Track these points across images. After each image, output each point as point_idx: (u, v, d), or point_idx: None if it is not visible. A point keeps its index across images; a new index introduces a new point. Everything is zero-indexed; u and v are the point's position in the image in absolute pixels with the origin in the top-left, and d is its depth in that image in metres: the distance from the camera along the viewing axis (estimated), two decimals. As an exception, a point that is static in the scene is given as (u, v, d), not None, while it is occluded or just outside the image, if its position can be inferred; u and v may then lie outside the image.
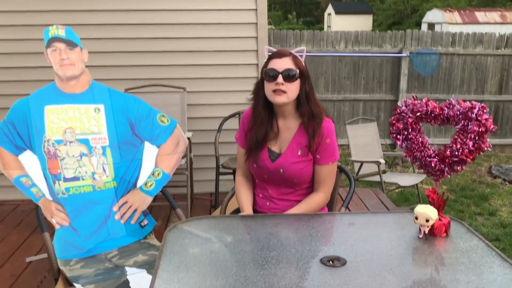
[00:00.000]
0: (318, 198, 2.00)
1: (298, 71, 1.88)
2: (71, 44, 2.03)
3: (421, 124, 3.24)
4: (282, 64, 1.87)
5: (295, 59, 1.90)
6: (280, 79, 1.85)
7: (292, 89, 1.88)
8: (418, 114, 3.16)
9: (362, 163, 4.83)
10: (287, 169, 1.96)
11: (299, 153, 1.95)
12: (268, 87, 1.90)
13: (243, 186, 2.12)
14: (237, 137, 2.13)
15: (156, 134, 2.16)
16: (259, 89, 1.97)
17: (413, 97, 3.26)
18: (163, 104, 3.54)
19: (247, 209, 2.05)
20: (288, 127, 1.99)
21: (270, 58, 1.92)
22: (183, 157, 3.13)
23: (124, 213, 2.09)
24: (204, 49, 3.98)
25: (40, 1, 3.69)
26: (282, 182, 2.00)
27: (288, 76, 1.86)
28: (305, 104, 1.92)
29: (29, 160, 2.05)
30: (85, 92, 2.08)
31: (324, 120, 1.94)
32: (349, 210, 3.62)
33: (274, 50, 1.95)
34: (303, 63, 1.93)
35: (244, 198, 2.09)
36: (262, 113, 1.97)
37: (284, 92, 1.87)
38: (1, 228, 3.38)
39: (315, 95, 1.96)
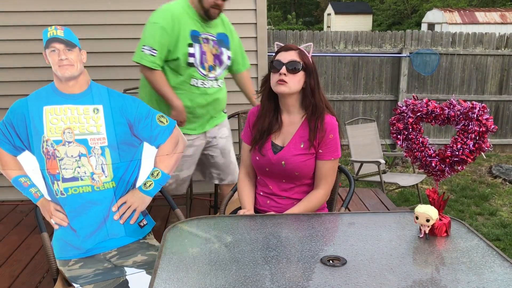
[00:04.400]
0: (318, 195, 2.01)
1: (302, 63, 1.93)
2: (69, 45, 2.03)
3: (421, 124, 3.24)
4: (288, 56, 1.93)
5: (301, 53, 1.95)
6: (283, 69, 1.91)
7: (295, 81, 1.92)
8: (419, 114, 3.15)
9: (362, 163, 4.83)
10: (288, 161, 1.97)
11: (302, 145, 1.98)
12: (273, 78, 1.95)
13: (245, 184, 2.14)
14: (243, 134, 2.15)
15: (155, 135, 2.16)
16: (265, 82, 2.03)
17: (413, 97, 3.26)
18: (163, 104, 3.53)
19: (249, 207, 2.06)
20: (292, 121, 2.02)
21: (278, 51, 1.98)
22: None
23: (123, 213, 2.09)
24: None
25: (39, 1, 3.69)
26: (283, 176, 2.01)
27: (292, 67, 1.91)
28: (309, 98, 1.96)
29: (27, 160, 2.04)
30: (84, 92, 2.08)
31: (327, 115, 1.98)
32: (349, 210, 3.61)
33: (283, 45, 2.01)
34: (310, 59, 1.97)
35: (246, 196, 2.11)
36: (267, 104, 2.03)
37: (286, 82, 1.91)
38: (0, 228, 3.37)
39: (321, 91, 2.00)
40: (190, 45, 2.48)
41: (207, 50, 2.55)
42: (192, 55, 2.50)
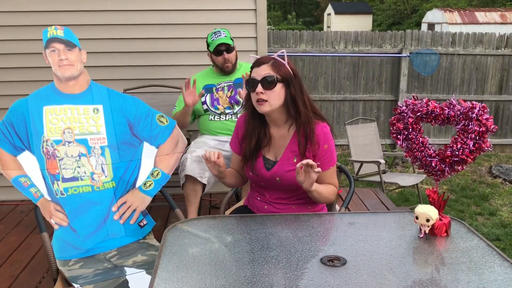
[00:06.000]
0: (331, 188, 1.96)
1: (277, 76, 1.84)
2: (69, 45, 2.03)
3: (421, 124, 3.24)
4: (261, 72, 1.85)
5: (275, 64, 1.86)
6: (259, 88, 1.83)
7: (273, 96, 1.84)
8: (419, 114, 3.15)
9: (362, 163, 4.83)
10: (283, 177, 1.92)
11: (295, 160, 1.91)
12: (252, 97, 1.88)
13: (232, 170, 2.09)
14: (231, 142, 2.10)
15: (155, 135, 2.16)
16: (247, 100, 1.96)
17: (413, 97, 3.25)
18: (162, 104, 3.53)
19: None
20: (282, 134, 1.95)
21: (252, 67, 1.90)
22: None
23: (123, 213, 2.09)
24: (203, 49, 3.97)
25: (40, 1, 3.69)
26: (279, 189, 1.97)
27: (267, 83, 1.83)
28: (293, 109, 1.88)
29: (27, 160, 2.04)
30: (84, 92, 2.08)
31: (318, 125, 1.90)
32: (349, 210, 3.61)
33: (258, 57, 1.93)
34: (287, 67, 1.88)
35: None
36: (252, 123, 1.96)
37: (265, 100, 1.84)
38: (0, 228, 3.37)
39: (306, 98, 1.91)
40: (202, 95, 3.13)
41: (221, 96, 3.17)
42: (204, 102, 3.14)
